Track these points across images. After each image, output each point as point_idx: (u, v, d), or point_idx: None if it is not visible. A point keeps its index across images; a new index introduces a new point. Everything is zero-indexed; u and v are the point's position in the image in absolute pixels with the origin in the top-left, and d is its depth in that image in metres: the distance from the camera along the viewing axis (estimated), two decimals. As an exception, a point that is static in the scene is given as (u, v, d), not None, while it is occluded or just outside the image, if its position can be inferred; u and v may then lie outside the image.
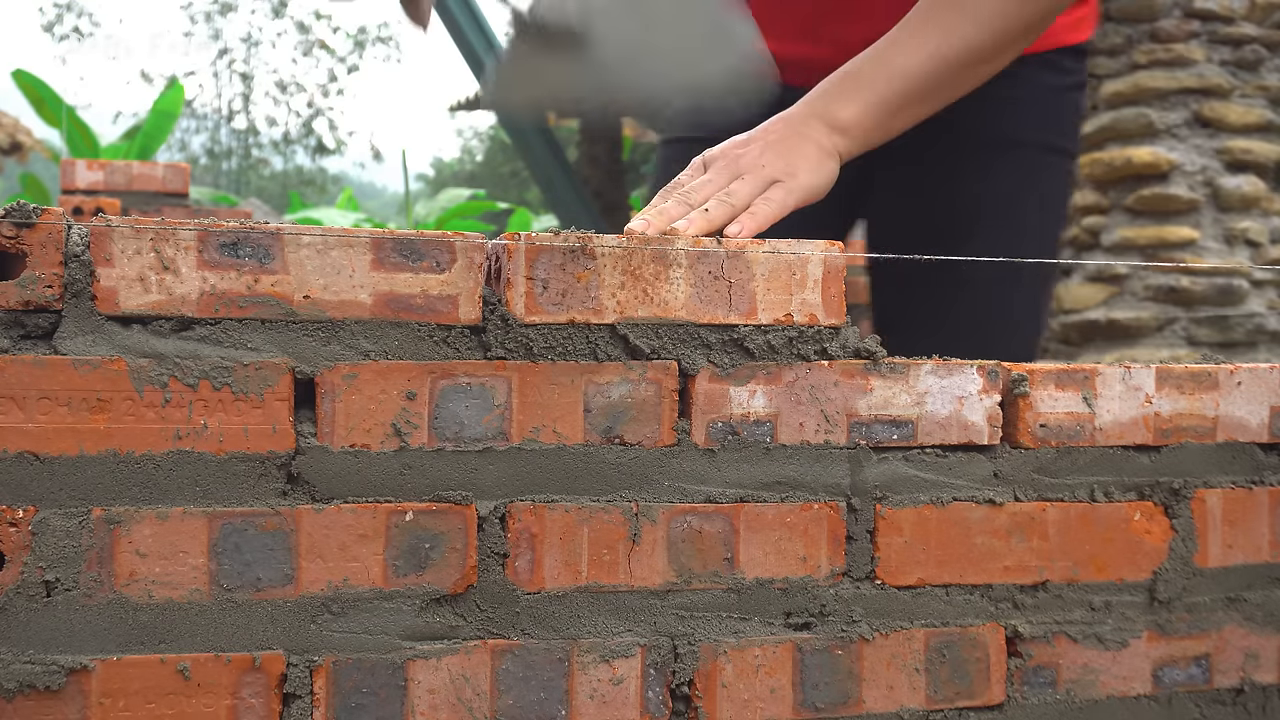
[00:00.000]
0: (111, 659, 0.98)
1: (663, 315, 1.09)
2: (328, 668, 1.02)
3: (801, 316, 1.12)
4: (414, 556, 1.04)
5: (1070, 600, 1.19)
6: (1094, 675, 1.19)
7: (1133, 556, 1.21)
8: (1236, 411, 1.23)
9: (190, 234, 0.99)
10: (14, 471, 0.96)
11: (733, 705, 1.10)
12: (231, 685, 1.00)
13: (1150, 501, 1.21)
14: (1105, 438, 1.20)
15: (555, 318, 1.06)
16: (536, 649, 1.06)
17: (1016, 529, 1.17)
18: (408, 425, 1.03)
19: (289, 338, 1.01)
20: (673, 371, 1.09)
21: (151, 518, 0.99)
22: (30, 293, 0.97)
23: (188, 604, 0.99)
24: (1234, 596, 1.24)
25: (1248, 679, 1.24)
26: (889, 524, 1.14)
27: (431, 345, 1.04)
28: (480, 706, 1.05)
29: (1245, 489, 1.24)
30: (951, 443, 1.16)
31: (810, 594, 1.12)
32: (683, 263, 1.09)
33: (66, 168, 4.04)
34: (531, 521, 1.06)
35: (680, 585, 1.09)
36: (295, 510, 1.01)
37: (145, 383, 0.98)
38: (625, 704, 1.08)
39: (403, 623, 1.04)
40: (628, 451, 1.08)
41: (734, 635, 1.10)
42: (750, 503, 1.11)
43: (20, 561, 0.96)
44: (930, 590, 1.15)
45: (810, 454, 1.12)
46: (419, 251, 1.04)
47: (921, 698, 1.15)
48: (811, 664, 1.12)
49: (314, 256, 1.01)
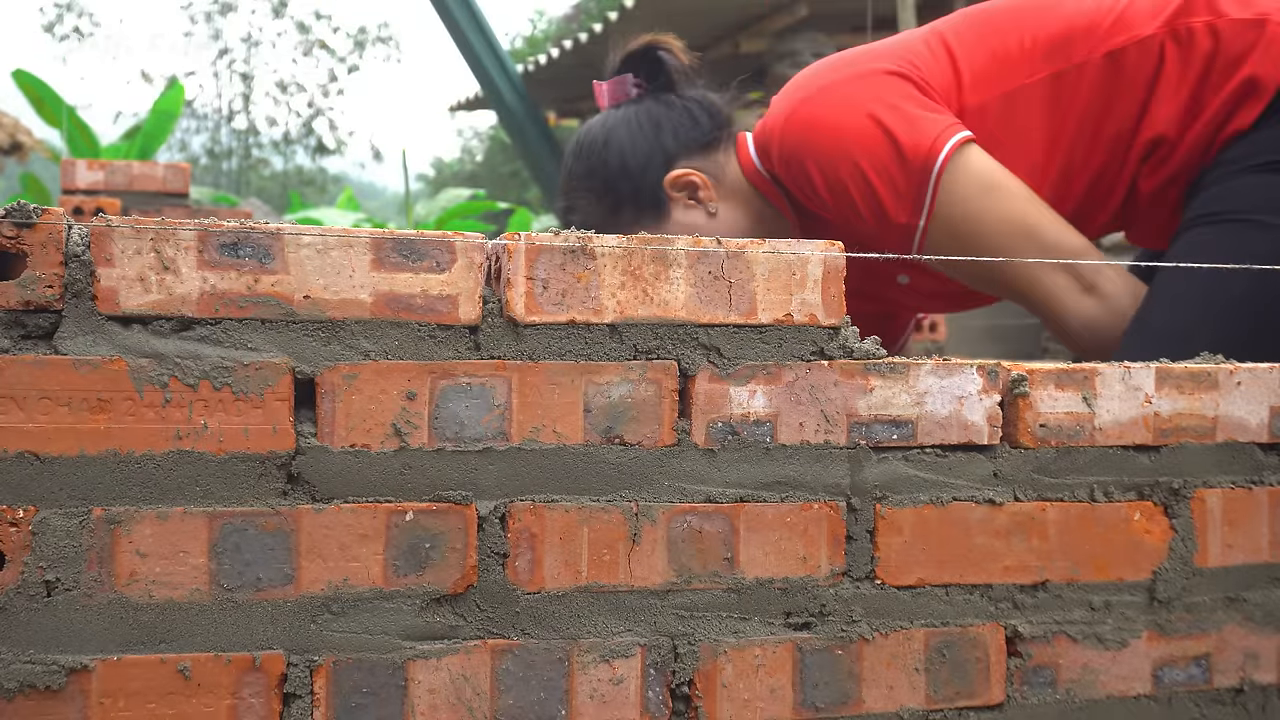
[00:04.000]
0: (111, 659, 0.98)
1: (663, 315, 1.09)
2: (328, 668, 1.02)
3: (801, 316, 1.12)
4: (414, 556, 1.04)
5: (1070, 600, 1.19)
6: (1094, 675, 1.19)
7: (1133, 556, 1.21)
8: (1236, 411, 1.23)
9: (190, 234, 0.99)
10: (14, 471, 0.96)
11: (733, 705, 1.10)
12: (231, 685, 1.00)
13: (1150, 501, 1.21)
14: (1105, 438, 1.20)
15: (555, 318, 1.06)
16: (536, 649, 1.06)
17: (1016, 529, 1.17)
18: (408, 425, 1.03)
19: (289, 338, 1.01)
20: (673, 371, 1.09)
21: (152, 518, 0.99)
22: (30, 293, 0.97)
23: (188, 604, 0.99)
24: (1234, 596, 1.24)
25: (1247, 679, 1.24)
26: (889, 524, 1.14)
27: (432, 345, 1.04)
28: (480, 706, 1.05)
29: (1245, 489, 1.24)
30: (951, 443, 1.16)
31: (810, 594, 1.12)
32: (683, 263, 1.09)
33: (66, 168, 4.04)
34: (531, 521, 1.06)
35: (680, 585, 1.09)
36: (295, 510, 1.01)
37: (145, 383, 0.99)
38: (625, 704, 1.08)
39: (403, 623, 1.04)
40: (628, 451, 1.08)
41: (734, 635, 1.11)
42: (750, 503, 1.11)
43: (20, 561, 0.96)
44: (930, 590, 1.15)
45: (810, 454, 1.12)
46: (419, 251, 1.04)
47: (921, 698, 1.15)
48: (811, 664, 1.12)
49: (314, 256, 1.01)
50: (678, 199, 1.89)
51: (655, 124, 1.90)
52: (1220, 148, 1.72)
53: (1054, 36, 1.77)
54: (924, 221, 1.73)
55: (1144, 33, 1.74)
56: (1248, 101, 1.70)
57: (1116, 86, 1.75)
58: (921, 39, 1.84)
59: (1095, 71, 1.75)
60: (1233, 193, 1.70)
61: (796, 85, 1.85)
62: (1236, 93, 1.70)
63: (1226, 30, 1.71)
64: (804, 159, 1.77)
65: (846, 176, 1.73)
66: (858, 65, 1.80)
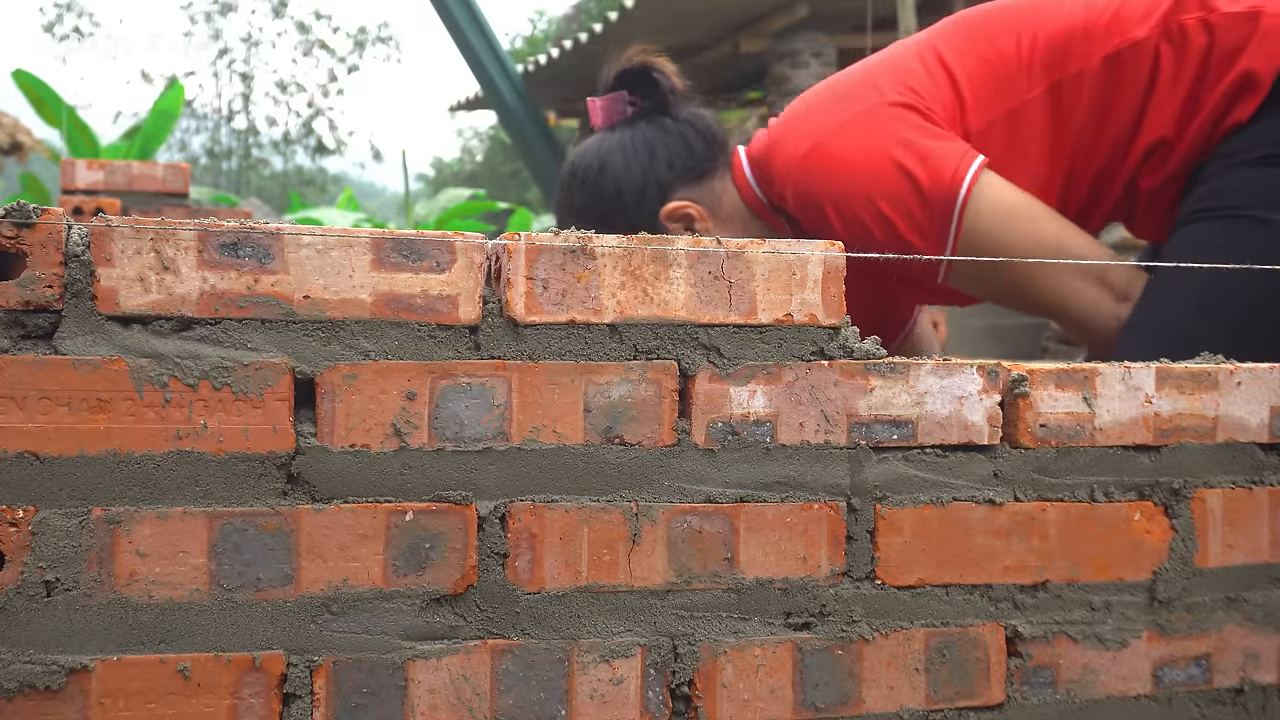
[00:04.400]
0: (111, 659, 0.98)
1: (663, 315, 1.09)
2: (328, 668, 1.02)
3: (801, 316, 1.12)
4: (414, 556, 1.04)
5: (1070, 600, 1.19)
6: (1094, 675, 1.19)
7: (1133, 556, 1.21)
8: (1236, 411, 1.23)
9: (190, 234, 0.99)
10: (14, 471, 0.96)
11: (733, 705, 1.10)
12: (231, 685, 1.00)
13: (1150, 501, 1.21)
14: (1105, 438, 1.20)
15: (555, 318, 1.06)
16: (536, 649, 1.06)
17: (1016, 529, 1.17)
18: (408, 425, 1.03)
19: (289, 338, 1.01)
20: (673, 371, 1.09)
21: (152, 518, 0.99)
22: (30, 293, 0.97)
23: (188, 604, 0.99)
24: (1234, 596, 1.24)
25: (1248, 679, 1.24)
26: (889, 524, 1.14)
27: (432, 345, 1.04)
28: (480, 706, 1.05)
29: (1245, 489, 1.24)
30: (951, 443, 1.16)
31: (810, 594, 1.12)
32: (683, 263, 1.09)
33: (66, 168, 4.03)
34: (531, 521, 1.06)
35: (680, 585, 1.09)
36: (295, 510, 1.01)
37: (145, 383, 0.98)
38: (625, 704, 1.08)
39: (403, 623, 1.04)
40: (628, 451, 1.08)
41: (734, 635, 1.10)
42: (750, 503, 1.11)
43: (20, 561, 0.96)
44: (930, 590, 1.15)
45: (810, 454, 1.12)
46: (419, 251, 1.04)
47: (921, 698, 1.15)
48: (811, 664, 1.12)
49: (314, 256, 1.01)
50: (674, 229, 1.89)
51: (650, 151, 1.89)
52: (1218, 141, 1.72)
53: (1051, 39, 1.77)
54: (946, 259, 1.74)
55: (1138, 35, 1.73)
56: (1245, 95, 1.69)
57: (1114, 92, 1.75)
58: (915, 56, 1.82)
59: (1093, 80, 1.75)
60: (1230, 187, 1.70)
61: (800, 124, 1.83)
62: (1233, 87, 1.70)
63: (1220, 25, 1.71)
64: (821, 202, 1.77)
65: (868, 218, 1.74)
66: (861, 99, 1.79)
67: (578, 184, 1.93)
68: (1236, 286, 1.62)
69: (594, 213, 1.90)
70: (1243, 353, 1.32)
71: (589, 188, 1.91)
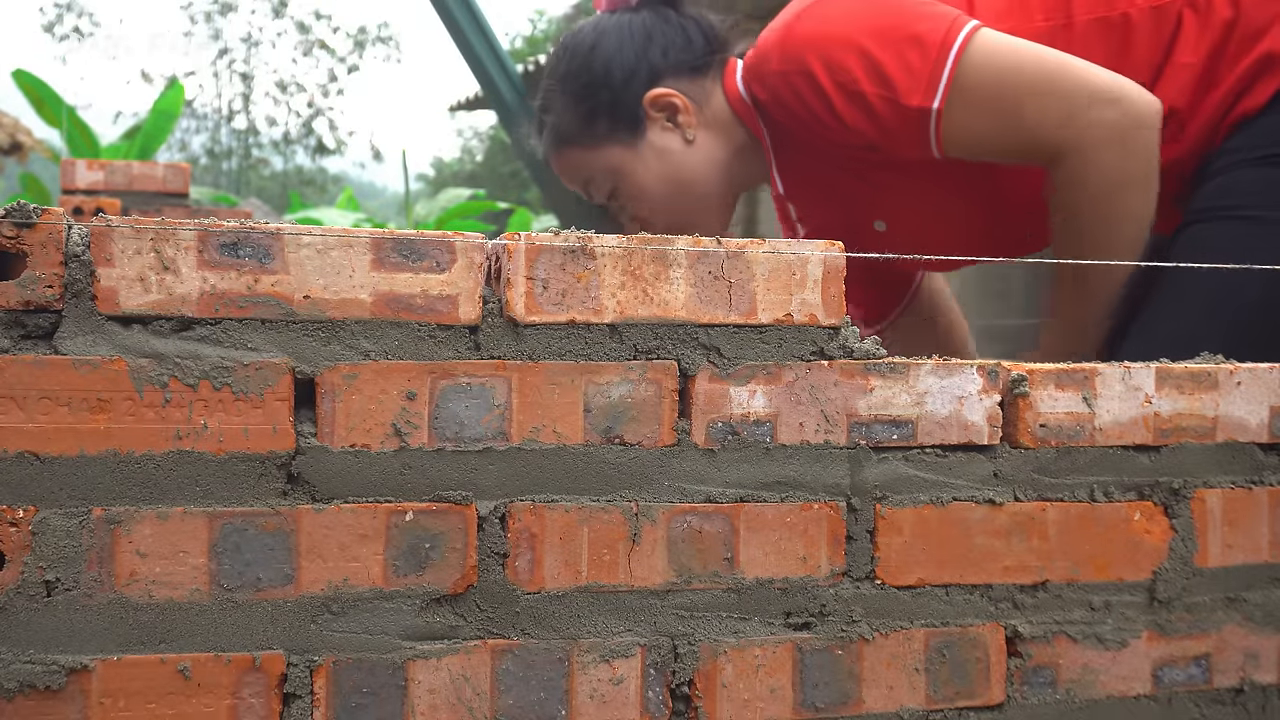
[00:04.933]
0: (111, 659, 0.98)
1: (663, 315, 1.09)
2: (328, 668, 1.02)
3: (801, 316, 1.12)
4: (414, 556, 1.04)
5: (1070, 600, 1.19)
6: (1094, 675, 1.19)
7: (1133, 556, 1.21)
8: (1236, 411, 1.23)
9: (190, 234, 0.99)
10: (14, 471, 0.96)
11: (733, 705, 1.10)
12: (231, 685, 1.00)
13: (1150, 501, 1.21)
14: (1105, 438, 1.20)
15: (555, 318, 1.06)
16: (536, 649, 1.06)
17: (1016, 529, 1.17)
18: (408, 425, 1.03)
19: (289, 338, 1.01)
20: (672, 371, 1.09)
21: (152, 518, 0.99)
22: (30, 293, 0.97)
23: (188, 604, 0.99)
24: (1234, 596, 1.24)
25: (1247, 679, 1.24)
26: (889, 524, 1.14)
27: (432, 345, 1.04)
28: (480, 706, 1.05)
29: (1245, 489, 1.24)
30: (951, 443, 1.16)
31: (810, 594, 1.12)
32: (683, 263, 1.09)
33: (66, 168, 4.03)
34: (531, 521, 1.06)
35: (680, 585, 1.09)
36: (295, 510, 1.01)
37: (145, 383, 0.99)
38: (625, 704, 1.08)
39: (403, 623, 1.04)
40: (628, 451, 1.08)
41: (734, 635, 1.11)
42: (750, 503, 1.11)
43: (20, 561, 0.96)
44: (930, 590, 1.15)
45: (810, 454, 1.12)
46: (419, 251, 1.04)
47: (921, 698, 1.15)
48: (811, 664, 1.12)
49: (314, 256, 1.01)
50: (656, 119, 1.83)
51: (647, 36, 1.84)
52: (1227, 132, 1.70)
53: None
54: (939, 103, 1.64)
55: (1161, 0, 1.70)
56: (1264, 77, 1.67)
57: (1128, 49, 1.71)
58: None
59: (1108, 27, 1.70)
60: (1236, 186, 1.68)
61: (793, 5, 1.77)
62: (1254, 67, 1.67)
63: (1247, 2, 1.69)
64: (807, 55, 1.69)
65: (855, 66, 1.66)
66: None
67: (567, 54, 1.87)
68: (1242, 288, 1.61)
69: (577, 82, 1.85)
70: (1246, 355, 1.32)
71: (578, 59, 1.85)
